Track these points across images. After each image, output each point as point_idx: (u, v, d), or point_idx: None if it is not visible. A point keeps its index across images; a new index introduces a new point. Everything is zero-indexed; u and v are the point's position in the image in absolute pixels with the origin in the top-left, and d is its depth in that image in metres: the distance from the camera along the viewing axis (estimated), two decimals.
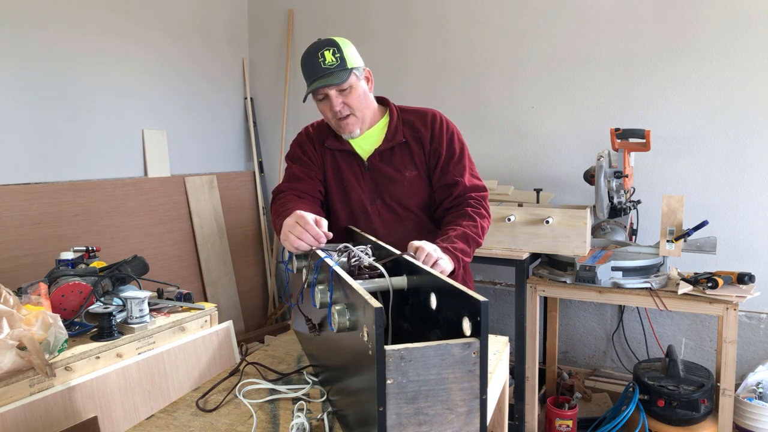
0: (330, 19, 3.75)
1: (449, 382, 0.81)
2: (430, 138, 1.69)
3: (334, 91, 1.59)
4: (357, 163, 1.72)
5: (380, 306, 0.78)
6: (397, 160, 1.69)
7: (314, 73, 1.58)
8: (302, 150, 1.78)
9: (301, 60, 1.62)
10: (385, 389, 0.78)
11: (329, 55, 1.57)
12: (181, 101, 3.51)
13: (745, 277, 2.31)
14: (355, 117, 1.64)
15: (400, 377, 0.79)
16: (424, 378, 0.80)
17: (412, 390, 0.80)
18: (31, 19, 2.68)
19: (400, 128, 1.70)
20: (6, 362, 1.37)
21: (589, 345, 3.21)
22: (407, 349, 0.79)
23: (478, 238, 1.62)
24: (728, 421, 2.30)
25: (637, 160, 2.86)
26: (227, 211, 3.75)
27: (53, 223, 2.73)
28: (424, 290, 1.02)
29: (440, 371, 0.80)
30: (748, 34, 2.72)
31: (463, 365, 0.81)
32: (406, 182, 1.68)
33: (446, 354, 0.80)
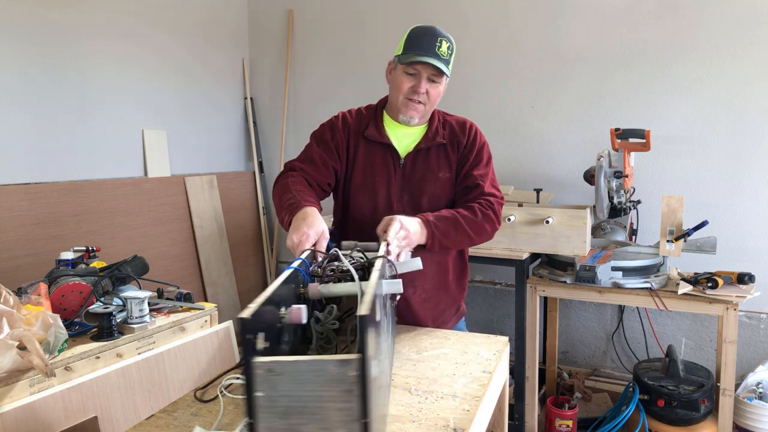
0: (330, 19, 3.75)
1: (325, 400, 0.76)
2: (465, 144, 1.72)
3: (429, 75, 1.60)
4: (392, 157, 1.70)
5: (244, 317, 0.76)
6: (433, 160, 1.70)
7: (428, 49, 1.57)
8: (332, 134, 1.73)
9: (416, 31, 1.62)
10: (254, 401, 0.76)
11: (445, 46, 1.59)
12: (181, 101, 3.51)
13: (745, 277, 2.31)
14: (425, 108, 1.66)
15: (270, 391, 0.75)
16: (297, 394, 0.76)
17: (283, 405, 0.76)
18: (32, 20, 2.68)
19: (441, 130, 1.72)
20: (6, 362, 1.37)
21: (589, 345, 3.21)
22: (277, 362, 0.75)
23: (469, 229, 1.60)
24: (728, 421, 2.30)
25: (637, 160, 2.86)
26: (227, 211, 3.75)
27: (53, 223, 2.73)
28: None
29: (315, 388, 0.75)
30: (748, 34, 2.72)
31: (340, 384, 0.75)
32: (439, 183, 1.69)
33: (320, 371, 0.75)
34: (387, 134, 1.72)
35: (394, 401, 1.15)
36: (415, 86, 1.61)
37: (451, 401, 1.15)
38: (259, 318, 0.80)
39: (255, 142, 4.00)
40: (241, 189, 3.92)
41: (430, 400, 1.15)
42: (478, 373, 1.29)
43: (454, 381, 1.25)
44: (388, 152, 1.70)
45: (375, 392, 0.80)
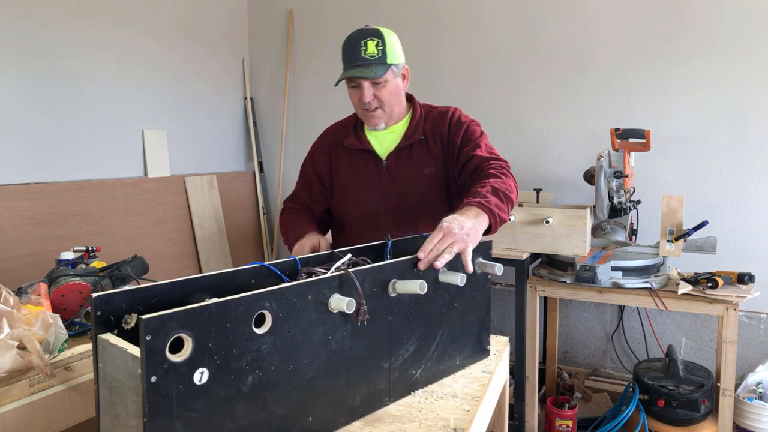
0: (330, 19, 3.75)
1: (127, 388, 0.78)
2: (447, 131, 1.68)
3: (367, 83, 1.58)
4: (375, 162, 1.71)
5: (94, 296, 0.82)
6: (415, 157, 1.68)
7: (352, 60, 1.56)
8: (312, 161, 1.81)
9: (343, 43, 1.60)
10: (97, 371, 0.84)
11: (372, 45, 1.55)
12: (181, 101, 3.51)
13: (745, 277, 2.31)
14: (383, 111, 1.63)
15: (103, 364, 0.83)
16: (115, 374, 0.80)
17: (109, 381, 0.82)
18: (32, 20, 2.68)
19: (421, 125, 1.69)
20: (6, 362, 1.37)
21: (589, 345, 3.21)
22: (107, 342, 0.81)
23: (509, 193, 1.46)
24: (728, 421, 2.30)
25: (637, 160, 2.86)
26: (227, 211, 3.75)
27: (53, 223, 2.73)
28: None
29: (121, 375, 0.79)
30: (748, 34, 2.72)
31: (134, 378, 0.76)
32: (425, 180, 1.67)
33: (124, 358, 0.78)
34: (367, 140, 1.72)
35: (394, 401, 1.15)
36: (362, 97, 1.60)
37: (451, 401, 1.15)
38: (132, 298, 0.86)
39: (255, 142, 4.00)
40: (241, 189, 3.92)
41: (430, 400, 1.15)
42: (478, 373, 1.29)
43: (454, 381, 1.25)
44: (370, 158, 1.71)
45: (184, 396, 0.78)
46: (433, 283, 1.17)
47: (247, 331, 0.86)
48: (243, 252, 3.87)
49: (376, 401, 1.10)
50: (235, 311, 0.84)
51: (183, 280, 0.93)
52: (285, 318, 0.91)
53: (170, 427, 0.77)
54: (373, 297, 1.06)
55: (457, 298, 1.25)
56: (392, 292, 1.09)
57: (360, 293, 1.02)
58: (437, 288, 1.20)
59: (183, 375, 0.77)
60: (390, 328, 1.10)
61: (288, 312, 0.91)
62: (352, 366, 1.04)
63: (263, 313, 0.88)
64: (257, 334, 0.87)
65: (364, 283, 1.04)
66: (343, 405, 1.03)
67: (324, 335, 0.98)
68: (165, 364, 0.75)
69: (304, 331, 0.94)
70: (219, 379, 0.82)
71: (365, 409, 1.08)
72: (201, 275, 0.96)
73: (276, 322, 0.89)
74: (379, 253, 1.31)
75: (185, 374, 0.78)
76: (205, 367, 0.80)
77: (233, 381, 0.84)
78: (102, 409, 0.84)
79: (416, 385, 1.19)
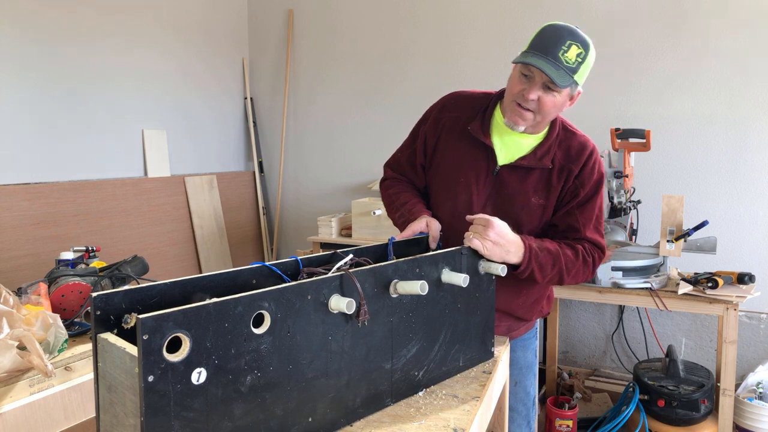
0: (330, 19, 3.75)
1: (125, 388, 0.78)
2: (577, 174, 1.49)
3: (542, 82, 1.37)
4: (487, 163, 1.51)
5: (93, 295, 0.82)
6: (531, 181, 1.49)
7: (546, 52, 1.35)
8: (423, 125, 1.62)
9: (544, 28, 1.40)
10: (96, 370, 0.83)
11: (574, 52, 1.36)
12: (181, 101, 3.51)
13: (745, 277, 2.31)
14: (533, 117, 1.43)
15: (102, 364, 0.82)
16: (113, 373, 0.80)
17: (108, 380, 0.81)
18: (32, 20, 2.68)
19: (553, 150, 1.49)
20: (6, 362, 1.37)
21: (589, 345, 3.20)
22: (106, 341, 0.81)
23: (565, 271, 1.43)
24: (728, 421, 2.30)
25: (637, 160, 2.86)
26: (227, 211, 3.75)
27: (53, 223, 2.73)
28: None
29: (120, 374, 0.79)
30: (749, 34, 2.72)
31: (132, 377, 0.76)
32: (527, 208, 1.49)
33: (122, 358, 0.78)
34: (491, 134, 1.52)
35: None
36: (525, 91, 1.39)
37: (451, 401, 1.15)
38: (132, 297, 0.85)
39: (255, 142, 4.00)
40: (241, 189, 3.92)
41: (430, 400, 1.15)
42: (478, 373, 1.29)
43: (455, 381, 1.25)
44: (484, 154, 1.51)
45: (179, 397, 0.78)
46: (435, 284, 1.17)
47: (245, 331, 0.85)
48: (243, 252, 3.87)
49: (378, 402, 1.09)
50: (233, 311, 0.83)
51: (183, 280, 0.93)
52: (284, 318, 0.91)
53: (167, 426, 0.77)
54: (374, 298, 1.06)
55: (461, 299, 1.25)
56: (393, 293, 1.09)
57: (360, 294, 1.02)
58: (440, 289, 1.20)
59: (180, 374, 0.77)
60: (391, 329, 1.10)
61: (287, 312, 0.91)
62: (353, 367, 1.03)
63: (262, 313, 0.88)
64: (256, 334, 0.87)
65: (365, 284, 1.04)
66: (343, 406, 1.03)
67: (324, 336, 0.98)
68: (162, 364, 0.75)
69: (303, 332, 0.94)
70: (217, 378, 0.82)
71: (366, 410, 1.07)
72: (201, 275, 0.96)
73: (275, 322, 0.89)
74: (383, 255, 1.31)
75: (183, 374, 0.78)
76: (203, 367, 0.80)
77: (231, 381, 0.84)
78: (101, 408, 0.84)
79: (419, 386, 1.18)
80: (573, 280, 1.48)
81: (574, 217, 1.49)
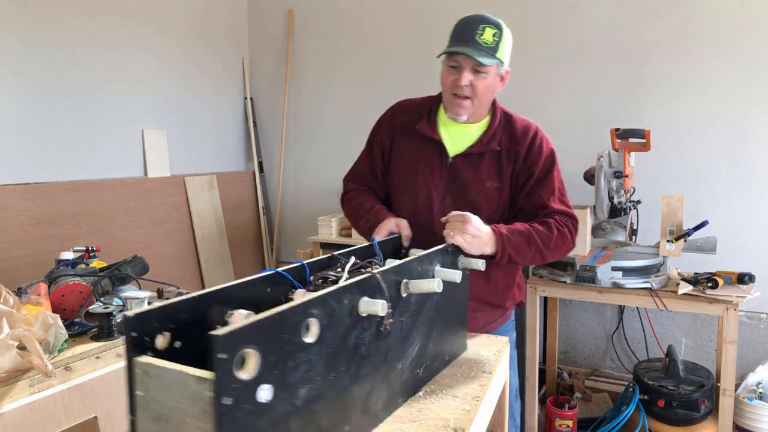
0: (330, 19, 3.75)
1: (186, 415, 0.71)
2: (525, 154, 1.57)
3: (470, 67, 1.48)
4: (440, 156, 1.59)
5: (129, 315, 0.74)
6: (483, 166, 1.57)
7: (465, 39, 1.47)
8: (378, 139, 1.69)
9: (458, 22, 1.53)
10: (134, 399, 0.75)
11: (489, 33, 1.48)
12: (181, 101, 3.51)
13: (745, 277, 2.31)
14: (472, 103, 1.52)
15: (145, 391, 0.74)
16: (164, 401, 0.72)
17: (155, 409, 0.74)
18: (31, 20, 2.68)
19: (498, 134, 1.58)
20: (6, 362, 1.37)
21: (589, 345, 3.21)
22: (150, 365, 0.73)
23: (543, 247, 1.48)
24: (728, 421, 2.30)
25: (637, 160, 2.86)
26: (227, 211, 3.75)
27: (53, 223, 2.73)
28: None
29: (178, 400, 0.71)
30: (749, 34, 2.72)
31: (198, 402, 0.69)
32: (484, 193, 1.57)
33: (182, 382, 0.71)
34: (439, 130, 1.61)
35: None
36: (456, 80, 1.49)
37: (451, 401, 1.15)
38: (165, 315, 0.79)
39: (255, 142, 4.00)
40: (241, 189, 3.92)
41: (430, 400, 1.15)
42: (478, 373, 1.29)
43: (455, 381, 1.25)
44: (436, 150, 1.60)
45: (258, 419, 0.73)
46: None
47: (299, 342, 0.81)
48: (243, 252, 3.87)
49: (392, 403, 1.09)
50: (290, 321, 0.79)
51: (203, 294, 0.88)
52: (327, 325, 0.87)
53: None
54: (390, 298, 1.05)
55: (445, 294, 1.25)
56: (404, 292, 1.09)
57: (386, 295, 1.00)
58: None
59: (249, 393, 0.73)
60: (402, 329, 1.10)
61: (330, 318, 0.88)
62: (377, 370, 1.02)
63: (311, 321, 0.84)
64: (307, 344, 0.83)
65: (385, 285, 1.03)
66: (370, 410, 1.01)
67: (356, 340, 0.95)
68: (235, 384, 0.70)
69: (341, 337, 0.91)
70: (279, 394, 0.77)
71: (385, 413, 1.06)
72: (219, 287, 0.91)
73: (322, 330, 0.86)
74: (369, 255, 1.30)
75: (251, 392, 0.73)
76: (269, 383, 0.75)
77: (289, 395, 0.79)
78: None
79: (421, 383, 1.19)
80: (556, 254, 1.54)
81: (537, 195, 1.56)
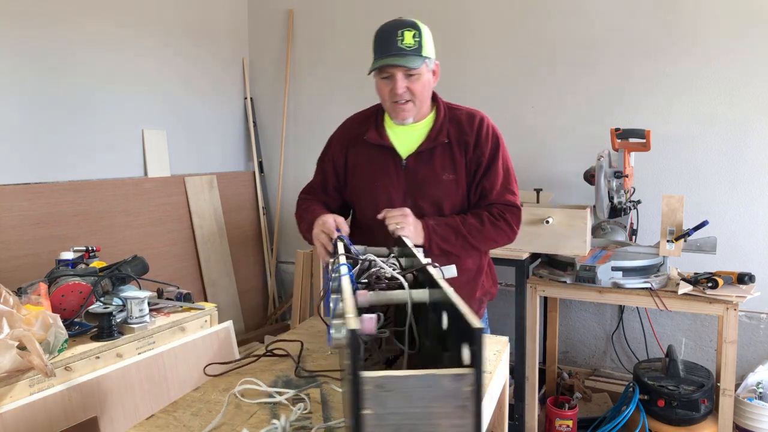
0: (330, 19, 3.75)
1: (437, 417, 0.71)
2: (474, 144, 1.63)
3: (401, 74, 1.53)
4: (394, 160, 1.65)
5: (354, 328, 0.72)
6: (436, 161, 1.62)
7: (388, 50, 1.51)
8: (329, 156, 1.76)
9: (377, 33, 1.58)
10: (361, 420, 0.70)
11: (409, 36, 1.53)
12: (181, 101, 3.51)
13: (745, 277, 2.31)
14: (413, 105, 1.59)
15: (378, 408, 0.70)
16: (407, 411, 0.71)
17: (392, 423, 0.71)
18: (31, 19, 2.68)
19: (445, 127, 1.64)
20: (6, 362, 1.37)
21: (589, 345, 3.21)
22: (387, 377, 0.70)
23: (470, 237, 1.56)
24: (728, 421, 2.30)
25: (637, 160, 2.86)
26: (227, 211, 3.75)
27: (53, 223, 2.73)
28: (439, 306, 0.93)
29: (427, 405, 0.71)
30: (749, 34, 2.72)
31: (454, 399, 0.70)
32: (442, 186, 1.62)
33: (433, 386, 0.70)
34: (388, 136, 1.67)
35: None
36: (393, 89, 1.55)
37: None
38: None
39: (255, 142, 4.00)
40: (241, 189, 3.92)
41: None
42: None
43: None
44: (389, 155, 1.65)
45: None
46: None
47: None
48: (243, 252, 3.87)
49: None
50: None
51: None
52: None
53: None
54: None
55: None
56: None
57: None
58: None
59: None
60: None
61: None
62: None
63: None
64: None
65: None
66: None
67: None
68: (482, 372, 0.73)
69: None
70: None
71: None
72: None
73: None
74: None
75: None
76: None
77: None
78: None
79: None
80: (491, 244, 1.64)
81: (482, 186, 1.63)
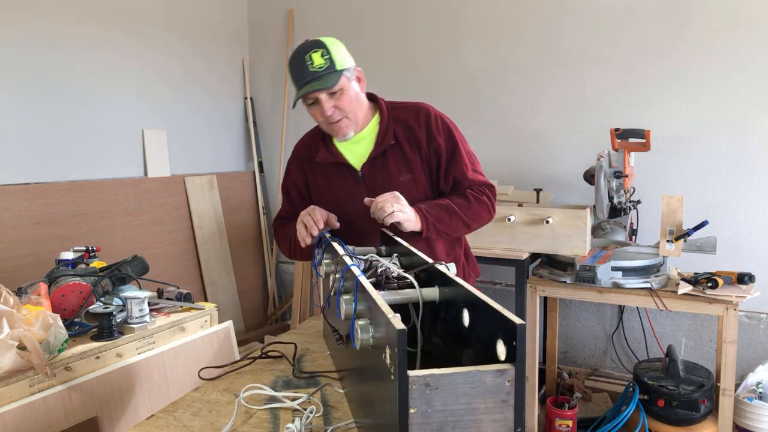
0: (330, 19, 3.75)
1: (479, 412, 0.74)
2: (426, 139, 1.62)
3: (324, 95, 1.52)
4: (350, 174, 1.65)
5: (403, 327, 0.73)
6: (390, 164, 1.63)
7: (302, 77, 1.51)
8: (291, 181, 1.79)
9: (289, 63, 1.56)
10: (408, 419, 0.72)
11: (318, 57, 1.50)
12: (181, 101, 3.51)
13: (745, 277, 2.31)
14: (348, 120, 1.58)
15: (424, 406, 0.72)
16: (451, 408, 0.73)
17: (437, 421, 0.73)
18: (31, 20, 2.68)
19: (391, 128, 1.63)
20: (6, 362, 1.37)
21: (589, 345, 3.21)
22: (433, 375, 0.72)
23: (463, 215, 1.57)
24: (728, 421, 2.30)
25: (637, 160, 2.86)
26: (227, 211, 3.75)
27: (53, 223, 2.73)
28: (457, 304, 0.94)
29: (469, 401, 0.73)
30: (749, 34, 2.72)
31: (496, 395, 0.73)
32: (402, 188, 1.59)
33: (477, 382, 0.73)
34: (338, 151, 1.67)
35: None
36: (322, 112, 1.55)
37: None
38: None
39: (255, 142, 4.00)
40: (241, 189, 3.92)
41: None
42: None
43: None
44: (345, 170, 1.66)
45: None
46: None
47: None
48: (243, 252, 3.87)
49: None
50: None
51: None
52: None
53: None
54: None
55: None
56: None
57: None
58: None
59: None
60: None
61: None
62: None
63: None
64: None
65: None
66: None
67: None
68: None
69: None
70: None
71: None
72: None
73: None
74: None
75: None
76: None
77: None
78: None
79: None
80: (479, 221, 1.63)
81: (452, 175, 1.64)
